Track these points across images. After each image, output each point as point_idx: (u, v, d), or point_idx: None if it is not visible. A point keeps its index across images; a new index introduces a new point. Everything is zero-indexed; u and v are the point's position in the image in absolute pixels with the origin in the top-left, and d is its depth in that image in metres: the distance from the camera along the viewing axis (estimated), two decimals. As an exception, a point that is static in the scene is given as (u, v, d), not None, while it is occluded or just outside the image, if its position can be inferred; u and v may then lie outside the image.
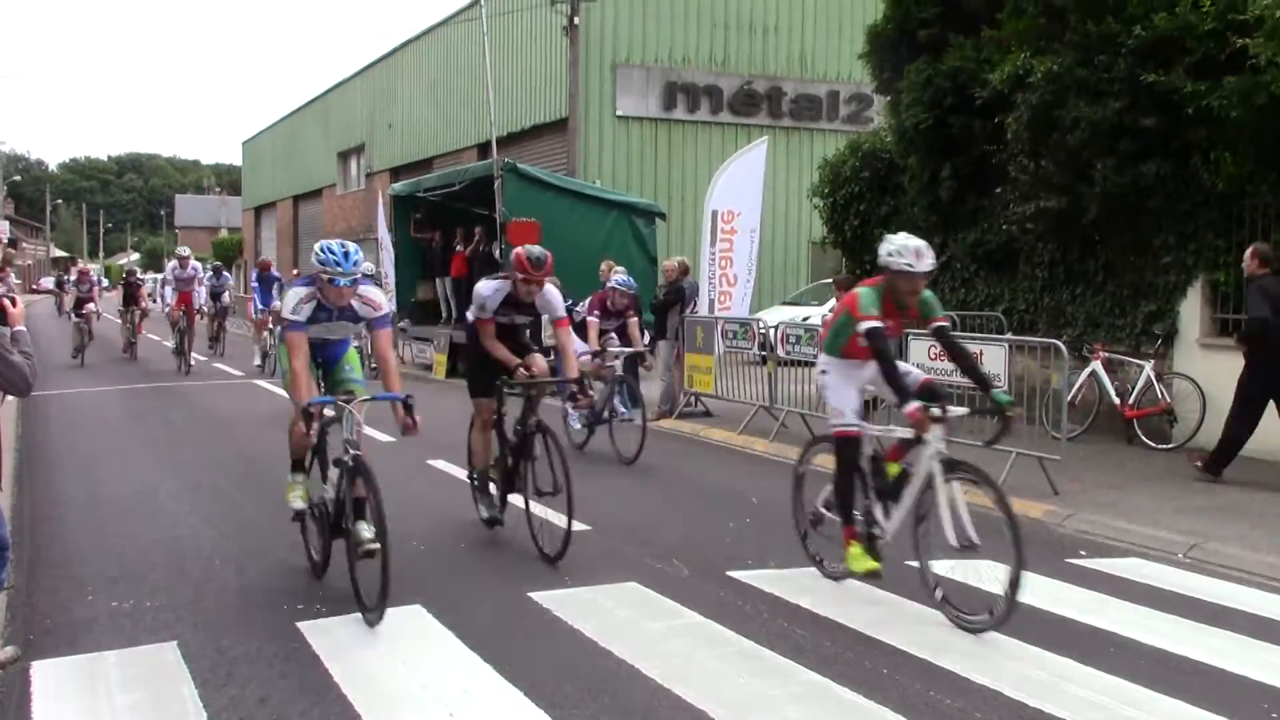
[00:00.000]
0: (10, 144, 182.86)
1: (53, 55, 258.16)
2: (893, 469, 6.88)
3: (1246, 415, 10.13)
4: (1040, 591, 6.97)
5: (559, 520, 7.52)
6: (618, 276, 12.78)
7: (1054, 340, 10.52)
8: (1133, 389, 12.36)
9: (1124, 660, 5.71)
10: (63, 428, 14.07)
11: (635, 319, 12.81)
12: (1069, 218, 12.61)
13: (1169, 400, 12.20)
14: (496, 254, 20.23)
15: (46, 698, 5.16)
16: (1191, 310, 12.19)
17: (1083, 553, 8.19)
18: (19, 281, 53.33)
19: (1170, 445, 12.05)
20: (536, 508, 7.84)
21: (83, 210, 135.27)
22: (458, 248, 22.66)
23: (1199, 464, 10.41)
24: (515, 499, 8.20)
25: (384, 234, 25.83)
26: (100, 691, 5.22)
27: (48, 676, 5.40)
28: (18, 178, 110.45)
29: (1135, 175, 11.67)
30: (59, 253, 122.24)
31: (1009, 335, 12.53)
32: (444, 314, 23.43)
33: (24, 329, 5.65)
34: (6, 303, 5.64)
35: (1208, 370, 11.70)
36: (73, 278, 29.89)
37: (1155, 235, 12.42)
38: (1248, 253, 10.37)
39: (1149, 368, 12.26)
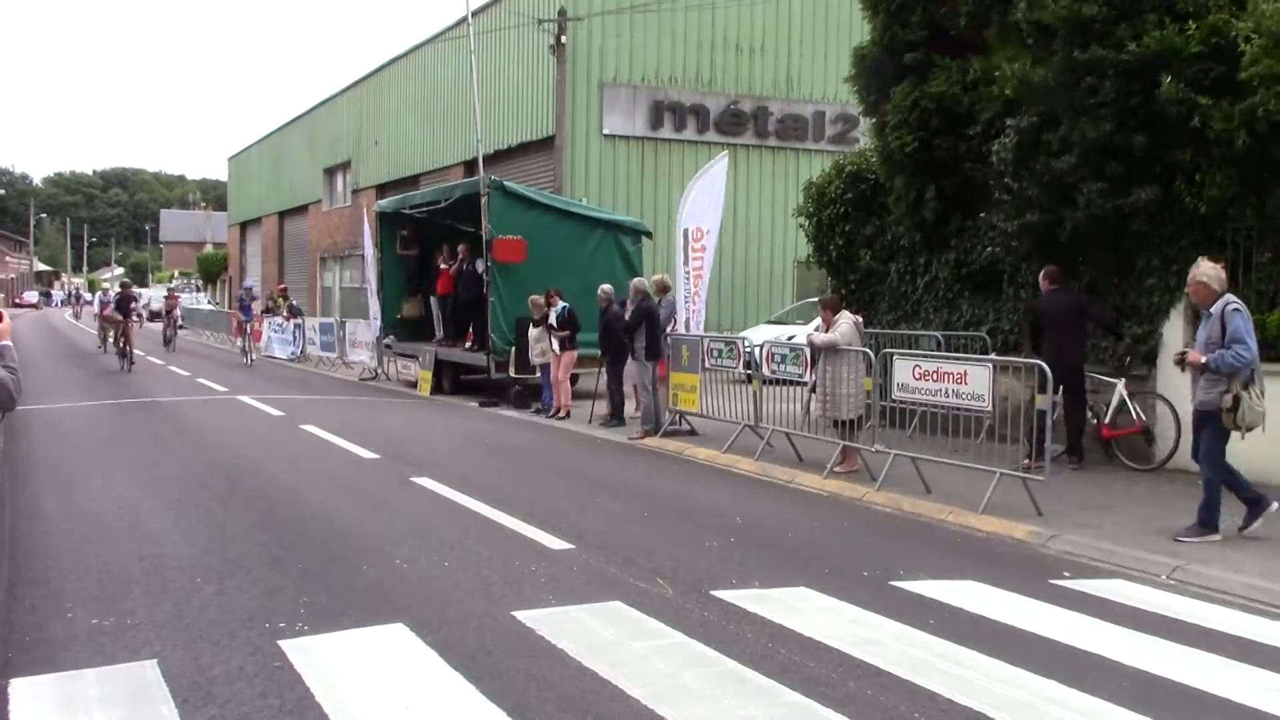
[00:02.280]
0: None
1: (38, 69, 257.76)
2: None
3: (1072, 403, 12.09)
4: (1023, 612, 6.99)
5: None
6: None
7: (1038, 360, 10.54)
8: (1107, 409, 12.44)
9: (1107, 682, 5.70)
10: (44, 442, 13.99)
11: None
12: (1052, 237, 12.68)
13: (1144, 420, 12.27)
14: (481, 271, 20.24)
15: (25, 716, 5.11)
16: (1174, 332, 12.25)
17: (1066, 574, 8.20)
18: (1, 296, 53.06)
19: (1150, 466, 12.10)
20: None
21: (67, 225, 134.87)
22: (442, 265, 22.66)
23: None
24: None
25: (369, 250, 25.81)
26: (79, 710, 5.17)
27: (25, 695, 5.35)
28: (1, 191, 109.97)
29: (1120, 201, 11.75)
30: (42, 267, 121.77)
31: (993, 355, 12.57)
32: (437, 332, 23.37)
33: (9, 343, 5.63)
34: None
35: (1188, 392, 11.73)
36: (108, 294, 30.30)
37: (1139, 257, 12.49)
38: (1041, 273, 12.50)
39: (1120, 386, 12.34)
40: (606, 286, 16.60)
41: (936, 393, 10.76)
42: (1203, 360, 8.76)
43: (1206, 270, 8.94)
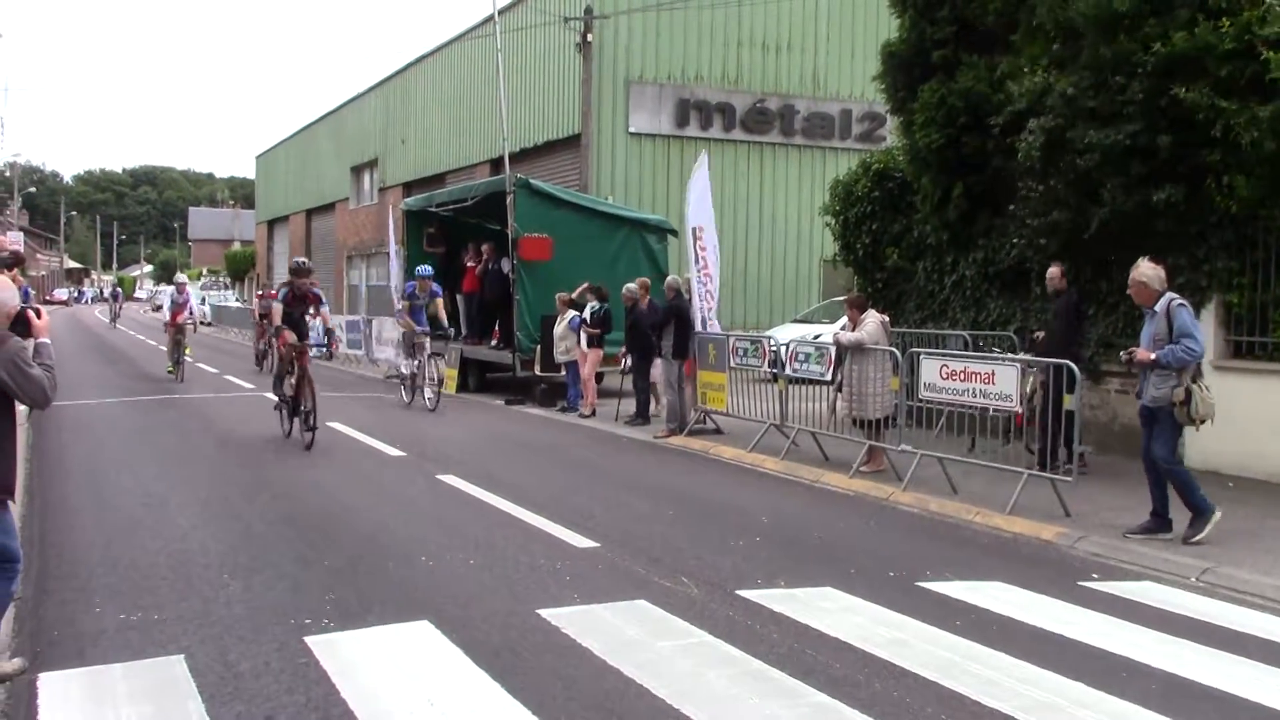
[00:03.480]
0: (26, 156, 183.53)
1: (68, 69, 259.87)
2: None
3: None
4: (1051, 614, 6.94)
5: None
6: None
7: (1066, 360, 10.47)
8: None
9: (1136, 685, 5.66)
10: (72, 439, 14.09)
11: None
12: (1079, 235, 12.58)
13: None
14: (507, 269, 20.27)
15: (53, 710, 5.15)
16: (1205, 332, 12.12)
17: (1094, 576, 8.14)
18: (33, 293, 53.46)
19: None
20: None
21: (97, 222, 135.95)
22: (468, 263, 22.70)
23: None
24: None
25: (393, 248, 25.89)
26: (107, 704, 5.21)
27: (55, 689, 5.39)
28: (33, 189, 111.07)
29: (1144, 198, 11.64)
30: (73, 264, 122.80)
31: (1021, 355, 12.49)
32: (456, 330, 23.36)
33: (48, 341, 5.66)
34: (31, 314, 5.62)
35: (1220, 392, 11.61)
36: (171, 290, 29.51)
37: (1168, 256, 12.36)
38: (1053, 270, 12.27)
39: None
40: (631, 285, 16.59)
41: (964, 392, 10.71)
42: (1152, 357, 8.82)
43: (1146, 271, 9.08)
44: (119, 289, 61.63)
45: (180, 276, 37.72)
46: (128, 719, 5.04)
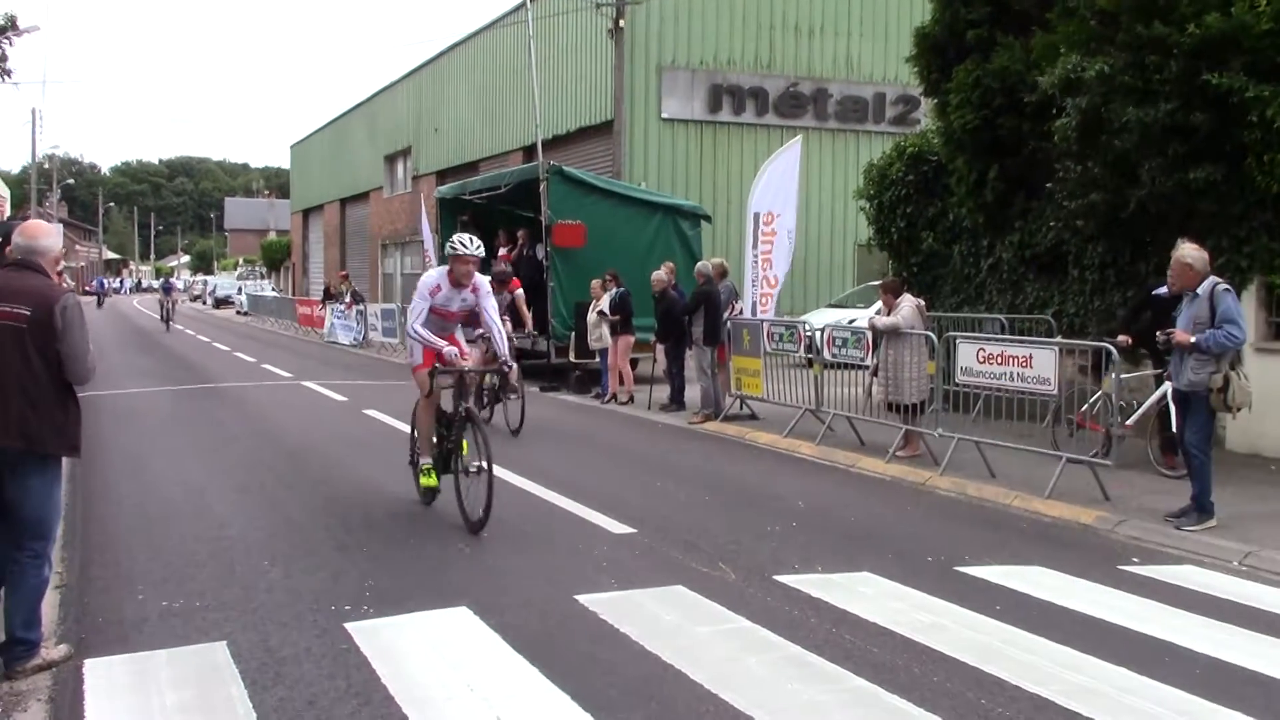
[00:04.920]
0: (64, 148, 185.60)
1: (105, 61, 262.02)
2: None
3: None
4: (1092, 599, 6.89)
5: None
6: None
7: (1106, 343, 10.39)
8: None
9: (1178, 669, 5.61)
10: (113, 427, 14.25)
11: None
12: (1117, 217, 12.45)
13: None
14: (541, 256, 20.30)
15: (99, 695, 5.21)
16: (1246, 314, 11.97)
17: (1135, 560, 8.07)
18: (72, 284, 53.97)
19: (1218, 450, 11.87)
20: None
21: (134, 213, 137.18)
22: (501, 251, 22.74)
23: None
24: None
25: (428, 236, 25.97)
26: (151, 690, 5.26)
27: (100, 674, 5.46)
28: (71, 181, 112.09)
29: (1183, 179, 11.50)
30: (111, 255, 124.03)
31: (1059, 338, 12.39)
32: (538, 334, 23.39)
33: None
34: None
35: (1262, 374, 11.49)
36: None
37: (1208, 238, 12.21)
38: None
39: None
40: (660, 272, 16.51)
41: (1001, 376, 10.64)
42: (1192, 340, 8.67)
43: (1191, 253, 8.92)
44: (171, 280, 51.17)
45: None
46: (171, 704, 5.10)
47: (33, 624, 5.60)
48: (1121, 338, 10.96)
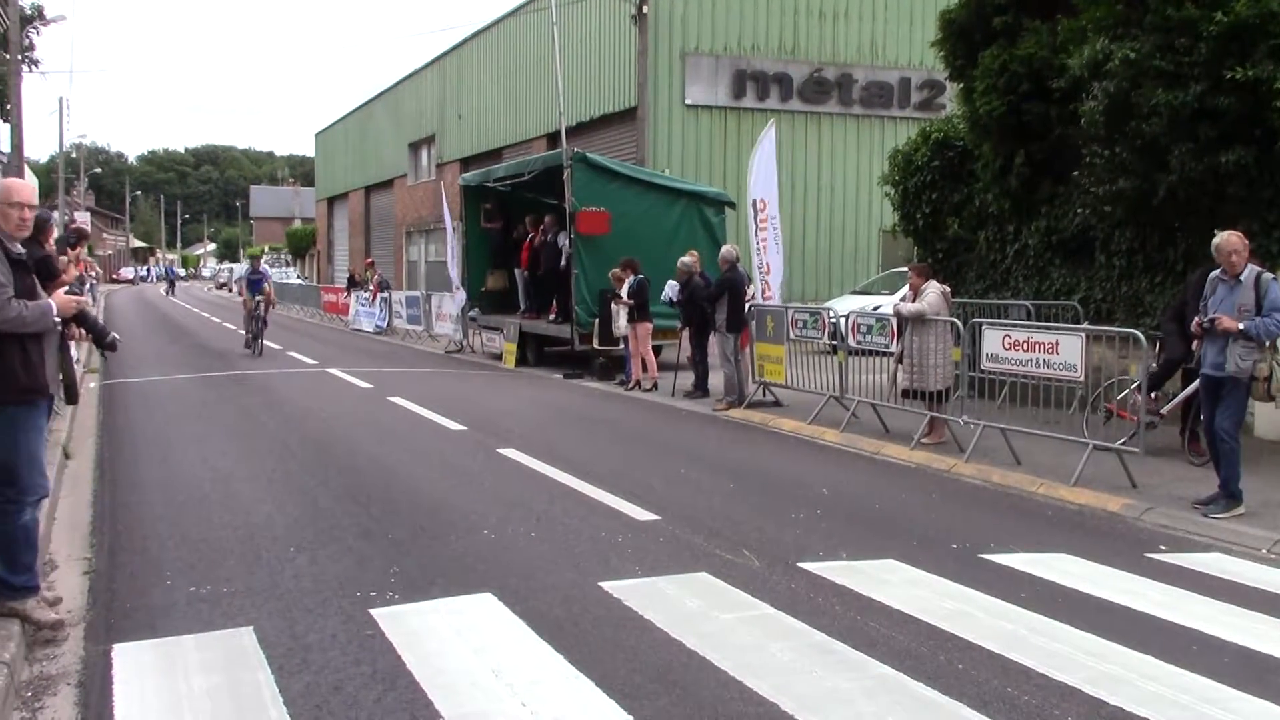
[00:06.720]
0: (91, 137, 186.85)
1: (132, 50, 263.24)
2: None
3: None
4: (1118, 586, 6.85)
5: None
6: None
7: (1133, 330, 10.31)
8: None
9: (1206, 657, 5.58)
10: (141, 414, 14.34)
11: None
12: (1146, 203, 12.34)
13: None
14: (564, 244, 20.29)
15: (128, 680, 5.25)
16: (1276, 300, 11.87)
17: (1162, 547, 8.02)
18: (99, 272, 54.33)
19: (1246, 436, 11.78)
20: None
21: (160, 202, 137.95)
22: (526, 237, 22.77)
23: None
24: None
25: (449, 223, 26.04)
26: (179, 674, 5.30)
27: (128, 659, 5.51)
28: (98, 170, 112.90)
29: (1213, 163, 11.38)
30: (138, 243, 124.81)
31: (1086, 325, 12.31)
32: (522, 304, 23.46)
33: (53, 304, 5.95)
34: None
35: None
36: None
37: (1238, 223, 12.09)
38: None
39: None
40: (685, 259, 16.49)
41: (1027, 363, 10.59)
42: (1240, 326, 8.55)
43: (1234, 240, 8.79)
44: (174, 268, 61.58)
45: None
46: (199, 689, 5.13)
47: (16, 569, 5.83)
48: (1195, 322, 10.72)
